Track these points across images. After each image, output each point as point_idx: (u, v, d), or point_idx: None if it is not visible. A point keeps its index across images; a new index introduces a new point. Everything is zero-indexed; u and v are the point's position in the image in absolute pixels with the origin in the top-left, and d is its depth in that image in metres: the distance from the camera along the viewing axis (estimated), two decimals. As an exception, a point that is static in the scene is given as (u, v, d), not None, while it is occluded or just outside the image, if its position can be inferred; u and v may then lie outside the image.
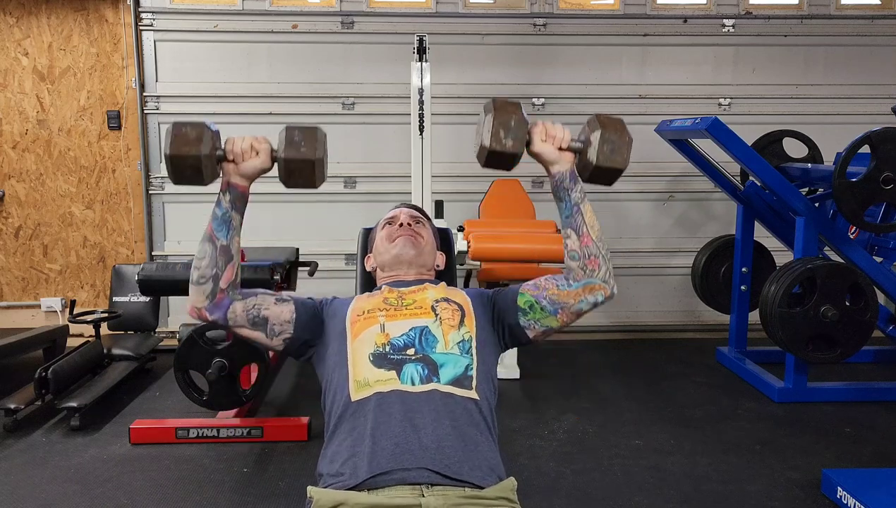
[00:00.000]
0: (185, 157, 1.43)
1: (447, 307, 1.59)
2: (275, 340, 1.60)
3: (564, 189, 1.56)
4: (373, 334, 1.53)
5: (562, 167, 1.56)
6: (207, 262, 1.52)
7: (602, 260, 1.56)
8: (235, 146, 1.51)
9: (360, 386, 1.46)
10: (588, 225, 1.55)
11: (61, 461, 2.87)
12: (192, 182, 1.48)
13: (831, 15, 4.74)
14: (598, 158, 1.51)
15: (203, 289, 1.52)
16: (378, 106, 4.61)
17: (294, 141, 1.49)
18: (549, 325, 1.60)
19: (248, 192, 1.56)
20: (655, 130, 4.01)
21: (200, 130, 1.45)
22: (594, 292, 1.56)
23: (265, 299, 1.59)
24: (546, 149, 1.55)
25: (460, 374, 1.49)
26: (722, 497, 2.59)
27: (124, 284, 4.22)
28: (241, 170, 1.52)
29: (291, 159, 1.49)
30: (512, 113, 1.50)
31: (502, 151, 1.50)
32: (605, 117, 1.54)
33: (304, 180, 1.52)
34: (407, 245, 1.75)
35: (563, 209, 1.57)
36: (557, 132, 1.55)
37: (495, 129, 1.49)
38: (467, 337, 1.55)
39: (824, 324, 3.27)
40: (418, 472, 1.34)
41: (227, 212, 1.52)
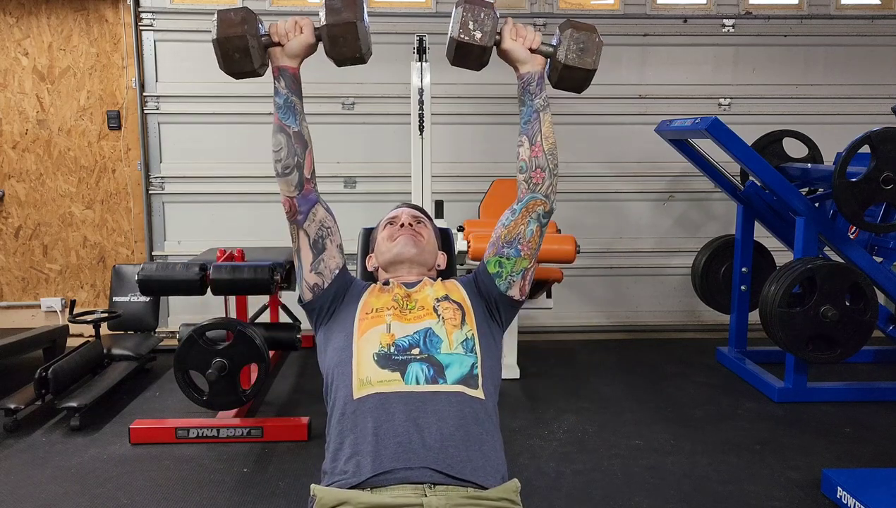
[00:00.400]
0: (232, 38, 1.45)
1: (448, 306, 1.59)
2: (311, 275, 1.62)
3: (529, 92, 1.57)
4: (378, 333, 1.53)
5: (531, 68, 1.57)
6: (287, 152, 1.55)
7: (548, 174, 1.57)
8: (279, 28, 1.53)
9: (362, 385, 1.46)
10: (543, 134, 1.57)
11: (61, 461, 2.87)
12: (243, 67, 1.49)
13: (831, 15, 4.74)
14: (567, 57, 1.51)
15: (290, 180, 1.56)
16: (378, 106, 4.61)
17: (334, 8, 1.48)
18: (522, 268, 1.62)
19: (299, 74, 1.57)
20: (655, 130, 4.01)
21: (244, 13, 1.47)
22: (535, 208, 1.58)
23: (335, 233, 1.64)
24: (516, 47, 1.56)
25: (466, 373, 1.49)
26: (722, 497, 2.59)
27: (124, 284, 4.22)
28: (288, 50, 1.53)
29: (333, 24, 1.48)
30: (482, 5, 1.50)
31: (470, 43, 1.50)
32: (576, 21, 1.55)
33: (350, 47, 1.51)
34: (408, 243, 1.76)
35: (524, 113, 1.58)
36: (529, 33, 1.57)
37: (464, 20, 1.50)
38: (470, 335, 1.55)
39: (824, 324, 3.27)
40: (421, 471, 1.34)
41: (288, 98, 1.55)
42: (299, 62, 1.57)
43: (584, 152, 4.74)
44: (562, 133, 4.68)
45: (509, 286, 1.62)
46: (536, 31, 1.58)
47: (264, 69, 1.54)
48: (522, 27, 1.57)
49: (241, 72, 1.50)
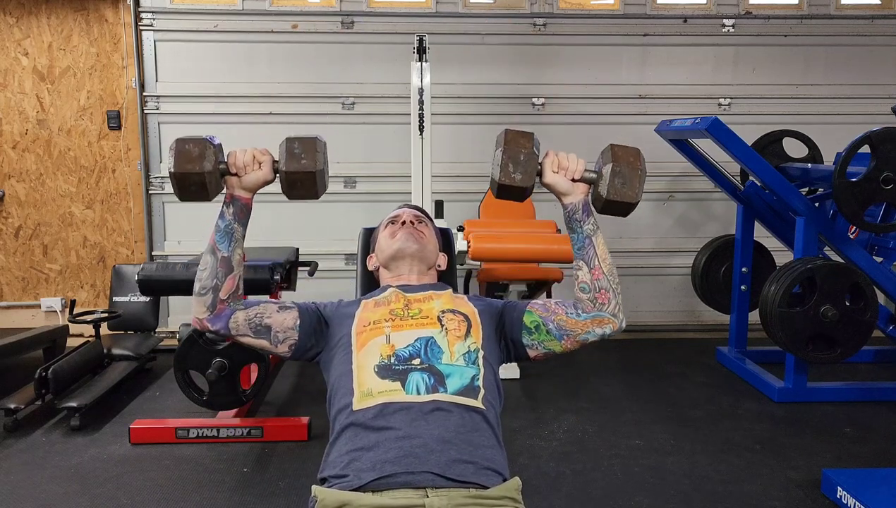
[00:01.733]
0: (189, 175, 1.44)
1: (453, 318, 1.59)
2: (280, 347, 1.60)
3: (577, 221, 1.55)
4: (378, 345, 1.52)
5: (574, 198, 1.54)
6: (209, 274, 1.53)
7: (612, 294, 1.55)
8: (238, 159, 1.51)
9: (363, 396, 1.45)
10: (600, 257, 1.54)
11: (61, 461, 2.87)
12: (197, 198, 1.49)
13: (831, 15, 4.74)
14: (609, 192, 1.49)
15: (204, 300, 1.54)
16: (378, 106, 4.61)
17: (294, 153, 1.49)
18: (551, 349, 1.59)
19: (252, 204, 1.56)
20: (655, 130, 4.01)
21: (203, 146, 1.45)
22: (602, 325, 1.55)
23: (267, 307, 1.59)
24: (558, 181, 1.54)
25: (467, 384, 1.48)
26: (722, 497, 2.59)
27: (124, 284, 4.22)
28: (244, 183, 1.52)
29: (293, 172, 1.49)
30: (522, 146, 1.50)
31: (511, 185, 1.50)
32: (619, 148, 1.52)
33: (306, 191, 1.53)
34: (409, 239, 1.75)
35: (576, 240, 1.56)
36: (570, 163, 1.54)
37: (504, 163, 1.50)
38: (473, 347, 1.54)
39: (824, 324, 3.27)
40: (423, 476, 1.34)
41: (231, 224, 1.53)
42: (253, 194, 1.56)
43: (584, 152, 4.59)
44: (562, 133, 4.73)
45: (530, 345, 1.61)
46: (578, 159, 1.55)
47: (217, 194, 1.52)
48: (564, 157, 1.55)
49: (194, 200, 1.50)
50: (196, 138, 1.46)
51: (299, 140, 1.50)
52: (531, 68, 4.67)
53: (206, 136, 1.48)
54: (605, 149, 1.54)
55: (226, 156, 1.52)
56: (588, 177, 1.54)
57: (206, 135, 1.49)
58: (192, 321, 1.57)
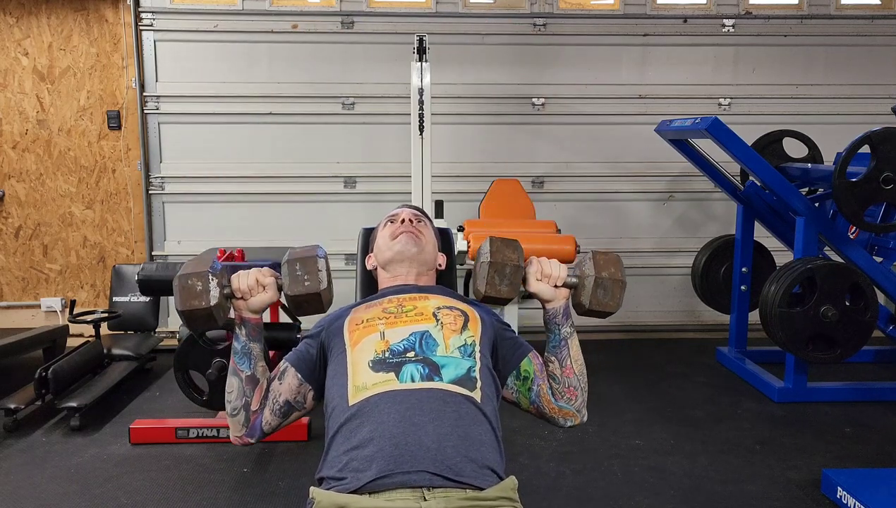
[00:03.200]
0: (195, 311, 1.46)
1: (449, 313, 1.58)
2: (307, 404, 1.62)
3: (556, 324, 1.59)
4: (372, 342, 1.52)
5: (556, 304, 1.59)
6: (237, 394, 1.56)
7: (580, 393, 1.59)
8: (241, 284, 1.52)
9: (357, 391, 1.45)
10: (573, 358, 1.58)
11: (61, 461, 2.87)
12: (207, 327, 1.53)
13: (831, 15, 4.74)
14: (591, 303, 1.56)
15: (237, 420, 1.57)
16: (378, 106, 4.60)
17: (297, 276, 1.51)
18: (520, 403, 1.63)
19: (262, 322, 1.58)
20: (655, 130, 4.01)
21: (205, 280, 1.45)
22: (567, 417, 1.60)
23: (273, 388, 1.59)
24: (542, 289, 1.58)
25: (463, 375, 1.47)
26: (722, 497, 2.59)
27: (124, 284, 4.22)
28: (250, 306, 1.54)
29: (298, 295, 1.51)
30: (508, 258, 1.55)
31: (497, 296, 1.57)
32: (601, 256, 1.57)
33: (313, 309, 1.55)
34: (409, 242, 1.75)
35: (551, 339, 1.60)
36: (553, 270, 1.58)
37: (490, 276, 1.55)
38: (470, 341, 1.53)
39: (824, 324, 3.27)
40: (419, 475, 1.33)
41: (246, 345, 1.56)
42: (261, 314, 1.57)
43: (584, 152, 4.74)
44: (562, 133, 4.73)
45: (509, 386, 1.62)
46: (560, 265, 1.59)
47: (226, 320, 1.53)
48: (547, 264, 1.58)
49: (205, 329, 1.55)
50: (198, 272, 1.46)
51: (300, 261, 1.51)
52: (531, 68, 4.67)
53: (209, 266, 1.47)
54: (586, 256, 1.59)
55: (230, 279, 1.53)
56: (570, 283, 1.59)
57: (210, 263, 1.48)
58: (232, 440, 1.61)
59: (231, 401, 1.56)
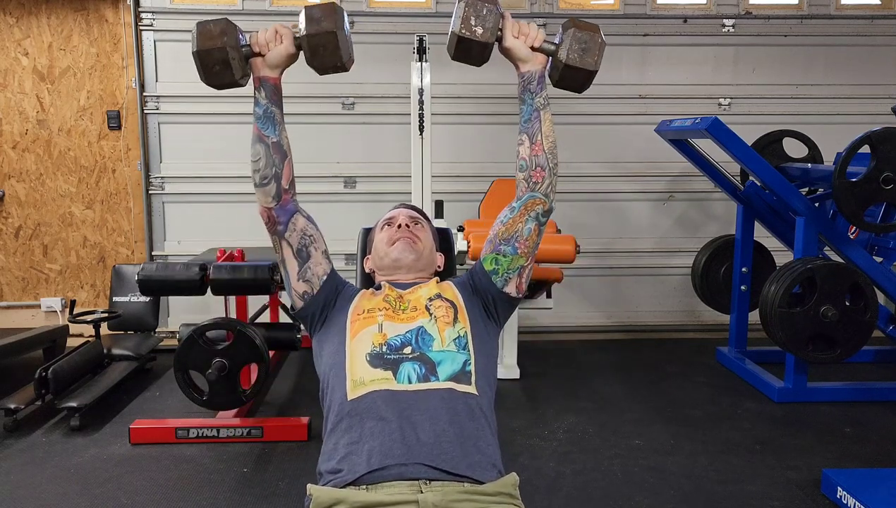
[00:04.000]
0: (212, 51, 1.45)
1: (441, 305, 1.59)
2: (299, 284, 1.61)
3: (530, 91, 1.56)
4: (370, 334, 1.53)
5: (532, 67, 1.56)
6: (265, 162, 1.54)
7: (548, 173, 1.56)
8: (259, 38, 1.52)
9: (356, 385, 1.46)
10: (544, 133, 1.56)
11: (61, 461, 2.87)
12: (223, 79, 1.49)
13: (831, 15, 4.74)
14: (569, 57, 1.50)
15: (268, 190, 1.55)
16: (378, 106, 4.60)
17: (313, 17, 1.48)
18: (518, 265, 1.61)
19: (281, 84, 1.56)
20: (655, 130, 4.01)
21: (224, 25, 1.47)
22: (534, 207, 1.57)
23: (319, 240, 1.62)
24: (517, 45, 1.55)
25: (458, 370, 1.48)
26: (722, 497, 2.59)
27: (124, 284, 4.22)
28: (269, 60, 1.52)
29: (313, 34, 1.48)
30: (485, 1, 1.49)
31: (471, 39, 1.50)
32: (579, 20, 1.54)
33: (330, 56, 1.50)
34: (406, 250, 1.74)
35: (524, 112, 1.57)
36: (531, 30, 1.56)
37: (466, 15, 1.49)
38: (462, 332, 1.54)
39: (824, 324, 3.27)
40: (416, 468, 1.34)
41: (268, 108, 1.54)
42: (280, 72, 1.56)
43: (584, 152, 4.73)
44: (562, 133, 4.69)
45: (505, 283, 1.62)
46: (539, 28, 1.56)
47: (246, 80, 1.53)
48: (525, 24, 1.56)
49: (222, 84, 1.50)
50: (216, 19, 1.47)
51: (318, 6, 1.49)
52: (531, 68, 4.66)
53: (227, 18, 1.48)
54: (565, 22, 1.55)
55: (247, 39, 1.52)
56: (547, 48, 1.55)
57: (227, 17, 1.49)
58: (260, 211, 1.57)
59: (259, 169, 1.54)
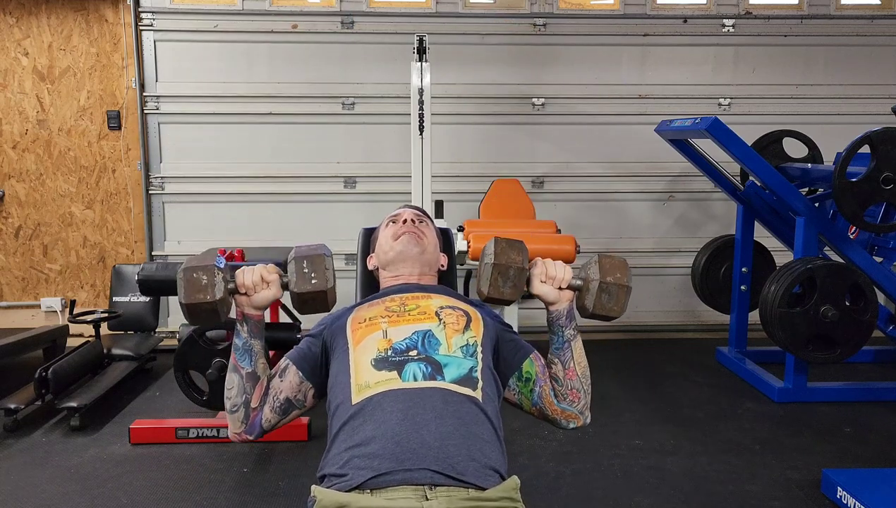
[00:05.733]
0: (200, 304, 1.45)
1: (452, 313, 1.58)
2: (307, 402, 1.61)
3: (559, 325, 1.58)
4: (375, 340, 1.52)
5: (560, 306, 1.58)
6: (237, 391, 1.55)
7: (583, 395, 1.58)
8: (246, 279, 1.51)
9: (360, 389, 1.45)
10: (576, 361, 1.58)
11: (61, 461, 2.87)
12: (208, 323, 1.53)
13: (831, 15, 4.74)
14: (595, 307, 1.54)
15: (236, 417, 1.56)
16: (378, 106, 4.60)
17: (304, 273, 1.50)
18: (522, 404, 1.63)
19: (263, 319, 1.58)
20: (655, 130, 4.01)
21: (211, 274, 1.45)
22: (569, 419, 1.60)
23: (274, 385, 1.59)
24: (545, 291, 1.57)
25: (465, 374, 1.47)
26: (722, 497, 2.59)
27: (124, 284, 4.22)
28: (253, 302, 1.53)
29: (304, 292, 1.51)
30: (512, 261, 1.53)
31: (500, 299, 1.56)
32: (607, 260, 1.55)
33: (318, 307, 1.54)
34: (411, 242, 1.75)
35: (554, 341, 1.59)
36: (558, 272, 1.56)
37: (494, 279, 1.54)
38: (472, 341, 1.53)
39: (824, 324, 3.27)
40: (421, 473, 1.33)
41: (248, 342, 1.55)
42: (264, 311, 1.56)
43: (584, 152, 4.74)
44: (562, 133, 4.73)
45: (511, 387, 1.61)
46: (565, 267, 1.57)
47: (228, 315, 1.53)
48: (552, 266, 1.57)
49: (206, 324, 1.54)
50: (204, 265, 1.46)
51: (307, 259, 1.51)
52: (531, 68, 4.67)
53: (214, 260, 1.47)
54: (592, 259, 1.57)
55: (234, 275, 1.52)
56: (575, 285, 1.57)
57: (212, 258, 1.48)
58: (231, 436, 1.58)
59: (231, 398, 1.55)
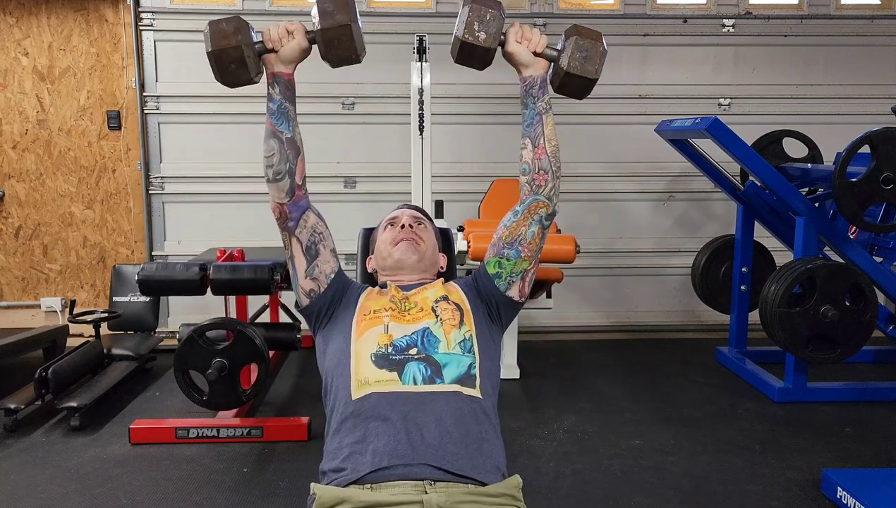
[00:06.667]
0: (227, 50, 1.44)
1: (447, 307, 1.59)
2: (306, 281, 1.62)
3: (532, 96, 1.57)
4: (376, 334, 1.53)
5: (534, 71, 1.56)
6: (278, 158, 1.54)
7: (551, 176, 1.58)
8: (272, 34, 1.51)
9: (360, 385, 1.46)
10: (546, 137, 1.57)
11: (61, 461, 2.87)
12: (239, 77, 1.49)
13: (831, 15, 4.74)
14: (570, 64, 1.51)
15: (281, 186, 1.55)
16: (378, 106, 4.60)
17: (326, 10, 1.48)
18: (522, 269, 1.62)
19: (294, 80, 1.56)
20: (655, 130, 4.01)
21: (237, 22, 1.46)
22: (537, 210, 1.59)
23: (328, 238, 1.63)
24: (520, 50, 1.55)
25: (464, 373, 1.49)
26: (722, 497, 2.59)
27: (124, 284, 4.22)
28: (282, 56, 1.52)
29: (328, 28, 1.48)
30: (489, 5, 1.49)
31: (474, 44, 1.50)
32: (582, 27, 1.54)
33: (345, 49, 1.51)
34: (409, 250, 1.74)
35: (526, 116, 1.59)
36: (534, 36, 1.55)
37: (469, 20, 1.49)
38: (468, 335, 1.55)
39: (824, 324, 3.27)
40: (420, 468, 1.34)
41: (282, 103, 1.54)
42: (293, 67, 1.56)
43: (584, 152, 4.73)
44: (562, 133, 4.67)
45: (509, 286, 1.62)
46: (542, 33, 1.56)
47: (260, 76, 1.53)
48: (528, 29, 1.56)
49: (238, 82, 1.50)
50: (229, 18, 1.46)
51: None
52: (531, 68, 4.66)
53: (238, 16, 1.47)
54: (568, 29, 1.55)
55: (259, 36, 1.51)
56: (549, 54, 1.55)
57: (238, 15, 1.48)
58: (272, 207, 1.58)
59: (273, 165, 1.54)
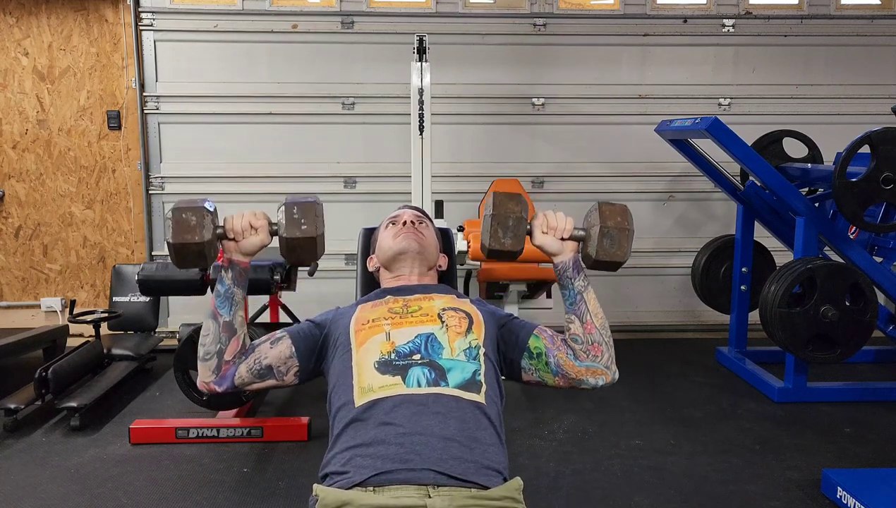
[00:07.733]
0: (187, 245, 1.44)
1: (454, 315, 1.59)
2: (286, 378, 1.61)
3: (568, 278, 1.56)
4: (378, 342, 1.52)
5: (564, 257, 1.56)
6: (211, 339, 1.53)
7: (605, 348, 1.56)
8: (235, 224, 1.51)
9: (364, 392, 1.45)
10: (592, 313, 1.55)
11: (61, 461, 2.87)
12: (195, 266, 1.50)
13: (831, 15, 4.74)
14: (598, 253, 1.52)
15: (209, 365, 1.54)
16: (378, 106, 4.60)
17: (294, 218, 1.49)
18: (545, 380, 1.60)
19: (249, 267, 1.57)
20: (655, 130, 4.01)
21: (201, 215, 1.45)
22: (596, 376, 1.57)
23: (261, 349, 1.59)
24: (547, 242, 1.56)
25: (468, 379, 1.48)
26: (722, 497, 2.59)
27: (124, 284, 4.22)
28: (241, 248, 1.52)
29: (293, 238, 1.49)
30: (510, 211, 1.52)
31: (501, 250, 1.53)
32: (606, 207, 1.54)
33: (306, 255, 1.53)
34: (410, 239, 1.76)
35: (567, 296, 1.57)
36: (559, 222, 1.55)
37: (494, 229, 1.52)
38: (475, 343, 1.54)
39: (824, 324, 3.27)
40: (424, 473, 1.34)
41: (230, 289, 1.53)
42: (251, 258, 1.56)
43: (584, 152, 4.74)
44: (562, 133, 4.73)
45: (527, 369, 1.60)
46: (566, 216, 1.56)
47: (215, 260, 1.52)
48: (553, 216, 1.56)
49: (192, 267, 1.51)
50: (193, 207, 1.45)
51: (298, 205, 1.50)
52: (531, 68, 4.67)
53: (202, 203, 1.47)
54: (592, 208, 1.56)
55: (222, 220, 1.51)
56: (577, 236, 1.56)
57: (202, 201, 1.47)
58: (199, 385, 1.57)
59: (205, 345, 1.54)
